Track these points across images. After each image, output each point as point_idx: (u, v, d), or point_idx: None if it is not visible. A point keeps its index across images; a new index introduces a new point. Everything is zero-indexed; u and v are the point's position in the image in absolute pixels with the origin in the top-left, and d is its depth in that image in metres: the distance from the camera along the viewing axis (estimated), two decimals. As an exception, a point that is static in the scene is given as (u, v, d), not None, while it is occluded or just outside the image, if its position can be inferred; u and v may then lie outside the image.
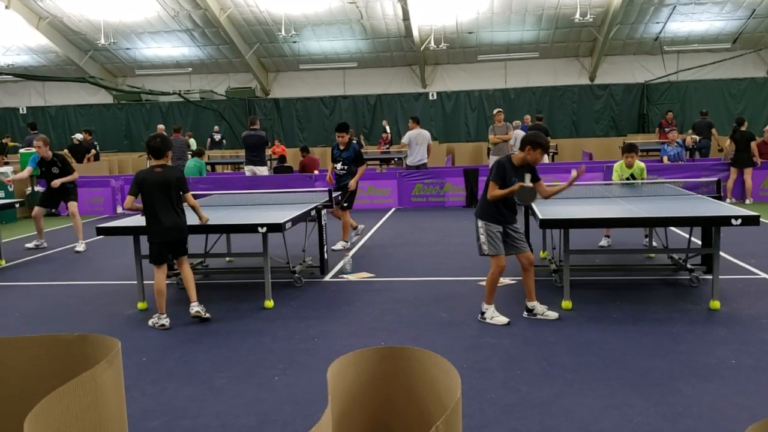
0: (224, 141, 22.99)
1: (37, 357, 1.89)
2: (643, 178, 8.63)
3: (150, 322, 5.92)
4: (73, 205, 10.08)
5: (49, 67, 24.78)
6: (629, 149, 8.53)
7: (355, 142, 9.81)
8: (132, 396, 4.32)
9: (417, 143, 13.51)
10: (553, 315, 5.69)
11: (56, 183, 9.75)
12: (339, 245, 9.29)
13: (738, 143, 12.78)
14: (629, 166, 8.57)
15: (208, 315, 5.92)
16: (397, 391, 1.73)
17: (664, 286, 6.77)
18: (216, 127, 23.07)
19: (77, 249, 9.80)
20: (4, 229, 10.74)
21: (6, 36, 22.30)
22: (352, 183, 9.19)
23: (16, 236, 11.44)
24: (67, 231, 11.96)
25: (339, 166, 9.26)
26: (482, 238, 5.60)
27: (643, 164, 8.73)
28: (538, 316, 5.70)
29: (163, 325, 5.81)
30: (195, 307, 5.89)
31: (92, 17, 21.00)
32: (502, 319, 5.59)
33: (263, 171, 13.79)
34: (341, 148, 9.25)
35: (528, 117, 19.27)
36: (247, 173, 13.70)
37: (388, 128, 22.24)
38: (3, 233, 9.95)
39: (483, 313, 5.69)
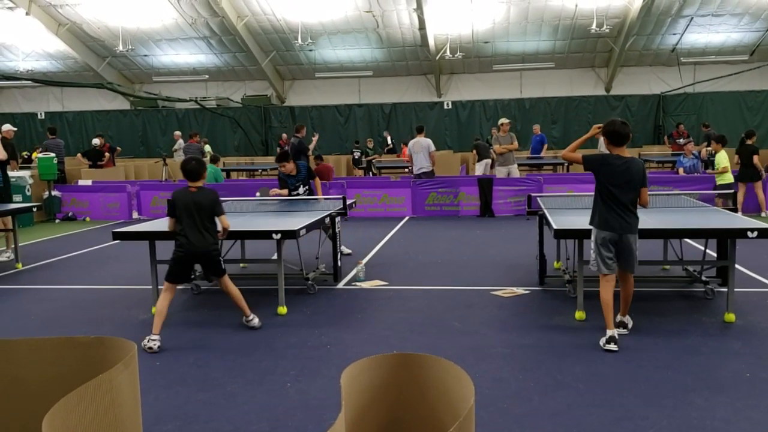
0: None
1: (55, 358, 1.92)
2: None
3: (143, 343, 5.48)
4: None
5: (67, 72, 25.06)
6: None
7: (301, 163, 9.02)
8: (145, 400, 4.34)
9: (414, 152, 13.66)
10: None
11: None
12: (345, 250, 9.34)
13: (742, 157, 12.57)
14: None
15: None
16: (410, 398, 1.74)
17: (679, 298, 6.72)
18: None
19: (1, 258, 9.61)
20: (21, 233, 10.85)
21: (26, 42, 22.60)
22: (320, 199, 8.74)
23: (32, 240, 11.56)
24: (81, 235, 12.09)
25: (301, 190, 8.73)
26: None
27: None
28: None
29: (150, 348, 5.33)
30: (253, 321, 5.92)
31: (111, 24, 21.22)
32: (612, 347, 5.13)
33: None
34: (292, 174, 8.62)
35: (537, 127, 19.27)
36: None
37: (389, 139, 23.30)
38: (20, 237, 10.06)
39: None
